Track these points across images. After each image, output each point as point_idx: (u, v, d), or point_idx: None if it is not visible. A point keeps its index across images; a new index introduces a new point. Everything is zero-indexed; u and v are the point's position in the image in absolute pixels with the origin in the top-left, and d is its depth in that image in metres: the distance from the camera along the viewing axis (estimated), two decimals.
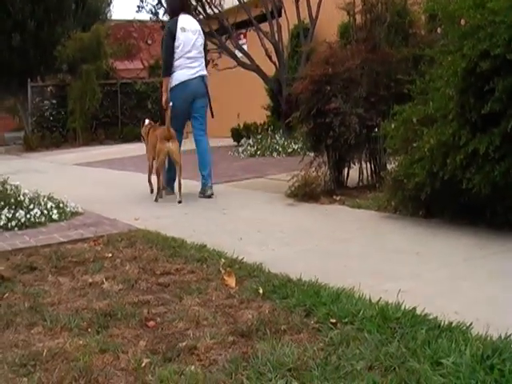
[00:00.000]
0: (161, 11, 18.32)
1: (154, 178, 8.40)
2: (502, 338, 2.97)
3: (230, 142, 17.08)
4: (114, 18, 31.63)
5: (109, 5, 31.22)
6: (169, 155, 7.93)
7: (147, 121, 9.29)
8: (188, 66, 8.16)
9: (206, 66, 8.46)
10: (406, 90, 6.34)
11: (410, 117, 5.92)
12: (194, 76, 8.19)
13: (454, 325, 3.17)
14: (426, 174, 5.43)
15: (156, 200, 7.96)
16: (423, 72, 6.19)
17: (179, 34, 8.09)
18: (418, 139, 5.64)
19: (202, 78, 8.29)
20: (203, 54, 8.37)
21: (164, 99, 8.19)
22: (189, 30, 8.19)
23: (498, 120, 4.87)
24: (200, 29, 8.39)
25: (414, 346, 2.96)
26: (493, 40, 4.87)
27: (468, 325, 3.15)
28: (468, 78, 5.10)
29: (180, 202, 7.71)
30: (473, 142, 5.00)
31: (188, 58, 8.15)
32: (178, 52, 8.10)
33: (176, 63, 8.11)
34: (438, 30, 6.06)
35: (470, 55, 5.02)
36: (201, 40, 8.32)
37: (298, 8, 14.95)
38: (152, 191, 8.48)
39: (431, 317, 3.30)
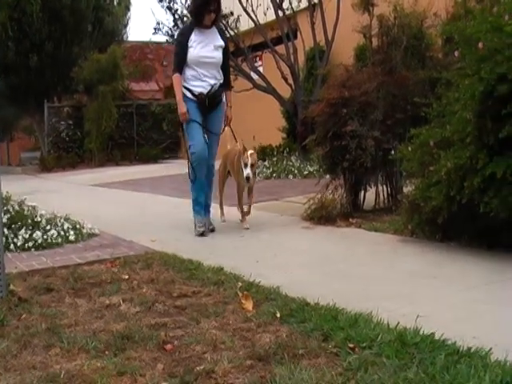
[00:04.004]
0: (176, 33, 18.46)
1: None
2: None
3: None
4: (130, 39, 31.81)
5: (125, 26, 31.44)
6: None
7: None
8: None
9: None
10: (422, 112, 6.34)
11: (427, 140, 5.91)
12: None
13: (472, 350, 3.15)
14: (443, 197, 5.42)
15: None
16: (440, 95, 6.18)
17: None
18: (435, 162, 5.63)
19: None
20: None
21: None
22: None
23: None
24: None
25: (432, 371, 2.95)
26: (510, 63, 4.87)
27: (487, 350, 3.13)
28: (485, 101, 5.10)
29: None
30: (490, 166, 4.99)
31: None
32: None
33: None
34: (455, 53, 6.04)
35: (487, 78, 5.02)
36: None
37: (313, 30, 14.98)
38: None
39: (450, 342, 3.28)
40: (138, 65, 29.25)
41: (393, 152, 7.15)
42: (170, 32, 18.52)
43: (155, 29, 18.77)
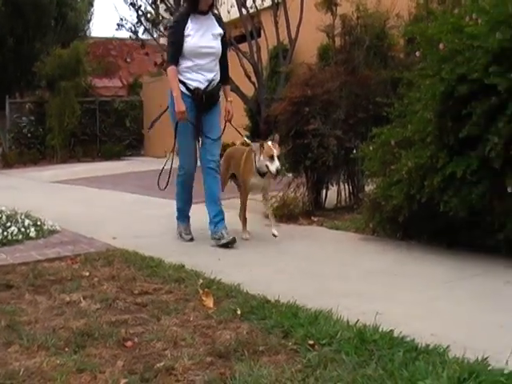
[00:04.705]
0: (140, 29, 18.41)
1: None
2: (479, 360, 2.99)
3: None
4: (93, 35, 31.60)
5: (88, 22, 31.26)
6: None
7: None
8: None
9: None
10: (384, 112, 6.39)
11: (388, 139, 5.96)
12: None
13: (431, 347, 3.19)
14: (403, 196, 5.47)
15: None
16: (402, 95, 6.23)
17: None
18: (396, 162, 5.68)
19: None
20: None
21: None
22: None
23: (475, 144, 4.92)
24: None
25: (391, 368, 2.97)
26: (470, 64, 4.93)
27: (445, 347, 3.17)
28: (446, 101, 5.15)
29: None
30: (450, 165, 5.04)
31: None
32: None
33: None
34: (417, 54, 6.09)
35: (448, 79, 5.07)
36: None
37: (277, 29, 14.99)
38: None
39: (408, 339, 3.31)
40: (101, 61, 29.04)
41: (355, 151, 7.19)
42: (133, 28, 18.48)
43: (118, 25, 18.73)
